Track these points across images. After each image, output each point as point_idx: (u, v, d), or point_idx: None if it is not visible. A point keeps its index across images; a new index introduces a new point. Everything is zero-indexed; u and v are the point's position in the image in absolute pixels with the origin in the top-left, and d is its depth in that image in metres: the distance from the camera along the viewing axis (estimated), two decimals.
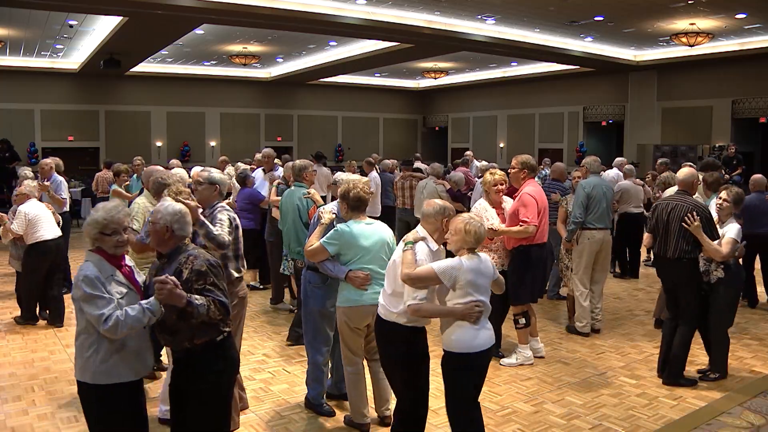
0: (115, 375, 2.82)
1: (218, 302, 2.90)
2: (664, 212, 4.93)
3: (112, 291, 2.81)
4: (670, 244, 4.86)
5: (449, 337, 3.31)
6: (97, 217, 2.88)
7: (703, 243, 4.72)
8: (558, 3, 11.81)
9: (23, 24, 13.27)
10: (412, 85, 25.52)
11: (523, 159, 5.45)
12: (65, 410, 4.41)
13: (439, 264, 3.29)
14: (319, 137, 24.30)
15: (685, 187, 5.05)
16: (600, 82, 20.04)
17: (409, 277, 3.26)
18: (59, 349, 5.75)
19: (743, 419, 4.32)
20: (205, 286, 2.90)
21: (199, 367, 2.96)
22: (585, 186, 6.23)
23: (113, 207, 2.94)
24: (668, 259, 4.90)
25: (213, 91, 21.87)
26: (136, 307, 2.76)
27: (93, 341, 2.81)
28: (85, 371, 2.83)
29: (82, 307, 2.77)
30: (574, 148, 20.61)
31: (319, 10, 11.98)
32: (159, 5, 10.90)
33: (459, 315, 3.26)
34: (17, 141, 17.82)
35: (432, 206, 3.55)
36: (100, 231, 2.87)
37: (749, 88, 16.70)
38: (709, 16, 12.48)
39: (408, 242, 3.43)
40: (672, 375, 4.94)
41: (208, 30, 14.13)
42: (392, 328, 3.48)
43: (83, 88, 19.80)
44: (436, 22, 13.39)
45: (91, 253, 2.92)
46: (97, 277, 2.78)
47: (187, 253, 3.00)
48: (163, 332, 2.98)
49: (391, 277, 3.49)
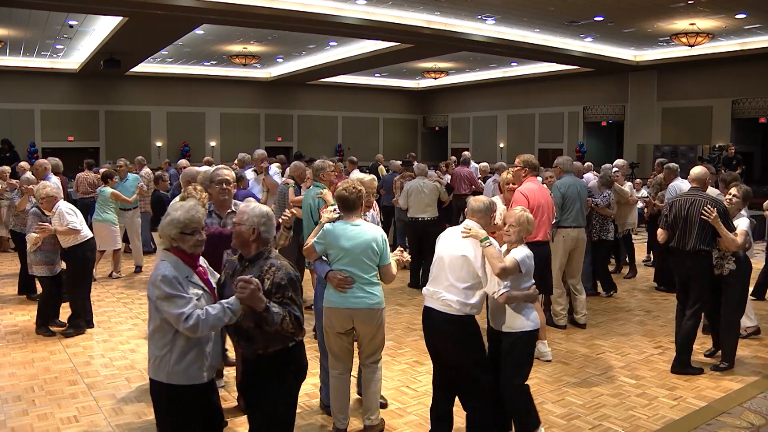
0: (188, 376, 2.84)
1: (294, 316, 2.89)
2: (682, 208, 5.14)
3: (189, 292, 2.80)
4: (689, 237, 5.09)
5: (520, 319, 3.64)
6: (177, 216, 2.87)
7: (721, 233, 4.96)
8: (558, 3, 11.81)
9: (23, 24, 13.28)
10: (412, 85, 25.53)
11: (524, 158, 5.55)
12: (65, 410, 4.41)
13: (518, 254, 3.63)
14: (319, 137, 24.32)
15: (699, 183, 5.28)
16: (600, 82, 20.05)
17: (504, 269, 3.53)
18: (59, 349, 5.75)
19: (743, 419, 4.32)
20: (283, 300, 2.89)
21: (271, 372, 2.98)
22: (560, 186, 6.37)
23: (192, 206, 2.92)
24: (687, 252, 5.11)
25: (213, 91, 21.88)
26: (217, 306, 2.76)
27: (168, 341, 2.83)
28: (159, 370, 2.84)
29: (159, 306, 2.77)
30: (574, 148, 20.61)
31: (319, 10, 12.00)
32: (159, 5, 10.91)
33: (531, 298, 3.67)
34: (17, 141, 17.84)
35: (482, 202, 3.79)
36: (180, 231, 2.87)
37: (749, 88, 16.71)
38: (709, 17, 12.48)
39: (485, 238, 3.61)
40: (681, 363, 5.15)
41: (208, 30, 14.14)
42: (468, 320, 3.66)
43: (83, 88, 19.82)
44: (436, 22, 13.40)
45: (167, 253, 2.91)
46: (176, 277, 2.78)
47: (270, 262, 2.96)
48: (239, 337, 3.00)
49: (464, 271, 3.62)
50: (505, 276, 3.55)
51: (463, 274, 3.61)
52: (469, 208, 3.78)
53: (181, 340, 2.81)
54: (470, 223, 3.73)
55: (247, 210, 3.01)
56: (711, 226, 4.97)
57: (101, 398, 4.64)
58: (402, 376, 5.12)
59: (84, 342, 6.02)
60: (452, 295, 3.61)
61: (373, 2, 11.96)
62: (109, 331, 6.37)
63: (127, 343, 6.00)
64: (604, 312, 7.14)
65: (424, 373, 5.21)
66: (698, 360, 5.49)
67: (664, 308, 7.36)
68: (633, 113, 19.50)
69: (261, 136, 23.32)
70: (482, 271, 3.62)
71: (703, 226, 5.01)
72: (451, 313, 3.62)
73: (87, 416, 4.32)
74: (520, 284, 3.65)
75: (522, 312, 3.66)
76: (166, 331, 2.82)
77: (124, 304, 7.44)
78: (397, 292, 7.95)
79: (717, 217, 4.93)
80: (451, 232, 3.83)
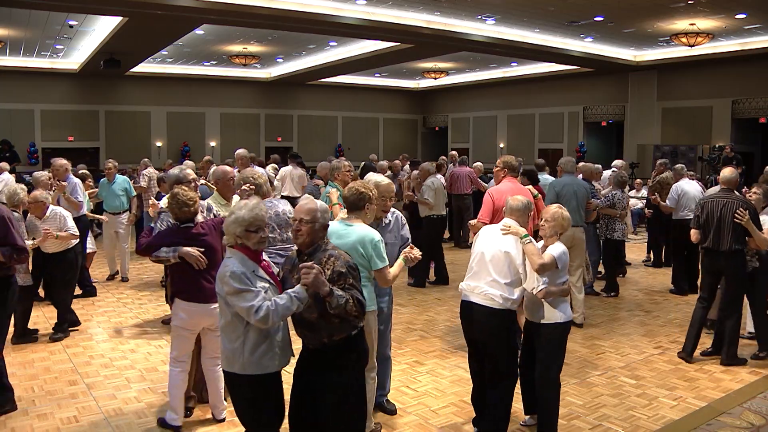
0: (263, 366, 2.97)
1: (356, 299, 3.00)
2: (715, 209, 5.39)
3: (257, 286, 2.92)
4: (723, 237, 5.32)
5: (556, 312, 3.82)
6: (243, 215, 2.98)
7: (753, 234, 5.21)
8: (558, 3, 11.81)
9: (23, 24, 13.28)
10: (412, 86, 25.53)
11: (504, 159, 5.78)
12: (65, 410, 4.41)
13: (555, 251, 3.78)
14: (319, 137, 24.32)
15: (729, 185, 5.48)
16: (600, 83, 20.04)
17: (543, 265, 3.70)
18: (59, 349, 5.75)
19: (743, 419, 4.32)
20: (345, 286, 3.01)
21: (335, 361, 3.08)
22: (555, 185, 6.67)
23: (255, 205, 3.04)
24: (721, 252, 5.34)
25: (213, 92, 21.88)
26: (284, 296, 2.88)
27: (240, 333, 2.95)
28: (233, 362, 2.97)
29: (229, 301, 2.90)
30: (574, 148, 20.60)
31: (319, 10, 11.99)
32: (159, 5, 10.91)
33: (565, 293, 3.86)
34: (17, 141, 17.85)
35: (520, 201, 3.98)
36: (245, 228, 2.98)
37: (749, 88, 16.71)
38: (709, 17, 12.48)
39: (525, 235, 3.80)
40: (730, 356, 5.40)
41: (208, 30, 14.14)
42: (509, 314, 3.81)
43: (83, 88, 19.82)
44: (436, 22, 13.40)
45: (233, 250, 3.02)
46: (243, 272, 2.90)
47: (328, 253, 3.08)
48: (303, 327, 3.09)
49: (507, 267, 3.78)
50: (543, 272, 3.72)
51: (505, 269, 3.78)
52: (508, 207, 3.99)
53: (253, 332, 2.94)
54: (509, 221, 3.92)
55: (318, 207, 3.12)
56: (742, 228, 5.22)
57: (101, 398, 4.64)
58: (402, 376, 5.12)
59: (84, 342, 6.02)
60: (495, 290, 3.77)
61: (373, 2, 11.96)
62: (109, 332, 6.37)
63: (127, 343, 6.00)
64: (604, 312, 7.15)
65: (424, 373, 5.21)
66: (696, 358, 5.50)
67: (664, 308, 7.38)
68: (633, 113, 19.50)
69: (261, 136, 23.32)
70: (523, 267, 3.80)
71: (736, 227, 5.24)
72: (494, 307, 3.77)
73: (87, 416, 4.33)
74: (556, 279, 3.80)
75: (558, 306, 3.84)
76: (238, 325, 2.95)
77: (124, 304, 7.44)
78: (397, 292, 7.95)
79: (749, 220, 5.17)
80: (490, 229, 4.02)
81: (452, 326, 6.59)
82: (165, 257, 4.01)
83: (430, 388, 4.92)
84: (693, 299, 7.73)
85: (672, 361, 5.54)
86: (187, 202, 4.04)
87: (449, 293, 8.01)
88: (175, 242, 4.02)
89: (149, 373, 5.17)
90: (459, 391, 4.84)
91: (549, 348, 3.86)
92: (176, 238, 4.03)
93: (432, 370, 5.30)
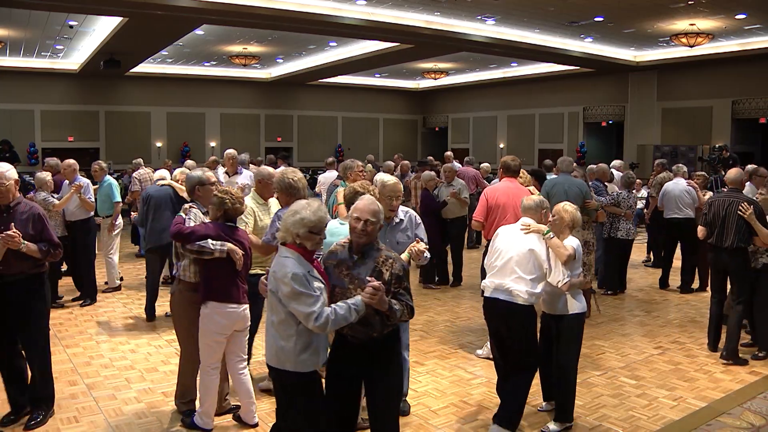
0: (312, 363, 3.04)
1: (409, 307, 3.10)
2: (721, 208, 5.58)
3: (314, 287, 2.94)
4: (727, 234, 5.50)
5: (574, 303, 4.08)
6: (308, 216, 3.00)
7: (756, 229, 5.35)
8: (558, 3, 11.81)
9: (23, 24, 13.28)
10: (412, 86, 25.53)
11: (503, 159, 5.98)
12: (65, 411, 4.41)
13: (573, 242, 4.04)
14: (319, 137, 24.32)
15: (735, 185, 5.71)
16: (600, 83, 20.04)
17: (569, 256, 3.95)
18: (59, 350, 5.75)
19: (743, 420, 4.32)
20: (400, 290, 3.07)
21: (385, 353, 3.15)
22: (546, 185, 6.83)
23: (319, 207, 3.06)
24: (725, 249, 5.53)
25: (213, 92, 21.88)
26: (344, 306, 2.92)
27: (293, 332, 2.99)
28: (285, 360, 3.02)
29: (287, 303, 2.93)
30: (575, 148, 20.61)
31: (319, 10, 11.99)
32: (159, 6, 10.91)
33: (581, 284, 4.12)
34: (17, 141, 17.85)
35: (532, 200, 4.20)
36: (309, 230, 3.00)
37: (749, 89, 16.71)
38: (709, 17, 12.48)
39: (547, 231, 4.01)
40: (730, 351, 5.52)
41: (208, 30, 14.14)
42: (532, 309, 4.01)
43: (83, 89, 19.81)
44: (436, 23, 13.40)
45: (289, 249, 3.02)
46: (304, 275, 2.92)
47: (384, 253, 3.13)
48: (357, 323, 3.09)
49: (531, 264, 3.96)
50: (569, 262, 3.96)
51: (531, 266, 3.96)
52: (522, 206, 4.21)
53: (305, 330, 2.97)
54: (526, 219, 4.12)
55: (378, 207, 3.15)
56: (747, 225, 5.37)
57: (101, 399, 4.64)
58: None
59: (84, 342, 6.02)
60: (521, 286, 3.93)
61: (372, 2, 11.96)
62: (109, 332, 6.37)
63: (127, 343, 6.00)
64: (605, 312, 7.14)
65: (424, 374, 5.21)
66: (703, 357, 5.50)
67: (664, 308, 7.38)
68: (633, 113, 19.50)
69: (261, 137, 23.32)
70: (548, 262, 3.99)
71: (740, 225, 5.42)
72: (519, 303, 3.94)
73: (87, 417, 4.33)
74: (573, 271, 4.02)
75: (575, 297, 4.12)
76: (291, 323, 2.98)
77: (124, 305, 7.44)
78: None
79: (752, 214, 5.32)
80: (509, 229, 4.20)
81: (452, 327, 6.59)
82: (210, 249, 3.86)
83: (430, 388, 4.92)
84: (694, 299, 7.78)
85: (672, 362, 5.54)
86: (240, 200, 4.04)
87: (449, 294, 8.01)
88: (222, 238, 3.93)
89: (149, 374, 5.17)
90: (459, 391, 4.84)
91: (569, 336, 4.11)
92: (224, 233, 3.95)
93: (432, 371, 5.30)
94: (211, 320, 3.93)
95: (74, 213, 7.34)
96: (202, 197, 4.24)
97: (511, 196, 5.55)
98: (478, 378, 5.14)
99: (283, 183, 4.48)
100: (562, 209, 4.16)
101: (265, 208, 4.86)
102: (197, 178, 4.27)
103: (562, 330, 4.12)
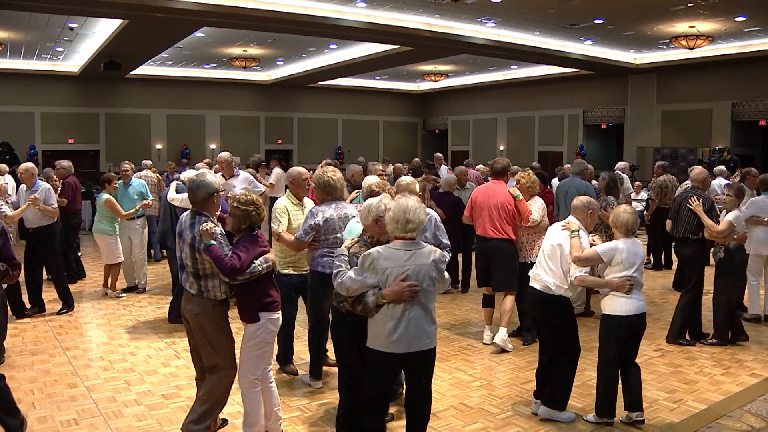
0: None
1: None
2: (676, 201, 6.23)
3: None
4: (680, 225, 6.07)
5: (605, 303, 4.24)
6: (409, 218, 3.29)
7: (702, 221, 5.74)
8: (558, 6, 11.83)
9: (24, 27, 13.30)
10: (412, 88, 25.54)
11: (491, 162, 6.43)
12: (65, 413, 4.41)
13: (602, 246, 4.20)
14: (319, 140, 24.32)
15: (698, 183, 6.22)
16: (600, 85, 20.05)
17: (579, 259, 4.15)
18: (59, 352, 5.75)
19: (743, 422, 4.32)
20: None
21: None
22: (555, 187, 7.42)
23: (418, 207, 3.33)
24: (677, 239, 6.17)
25: (213, 94, 21.88)
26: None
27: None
28: (435, 339, 3.44)
29: (438, 289, 3.50)
30: (574, 150, 20.60)
31: (319, 13, 12.00)
32: (159, 8, 10.91)
33: (614, 286, 4.14)
34: (17, 144, 17.80)
35: (580, 201, 4.42)
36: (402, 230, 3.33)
37: (749, 91, 16.71)
38: (709, 19, 12.49)
39: (574, 230, 4.26)
40: (672, 335, 6.01)
41: (208, 33, 14.15)
42: (564, 300, 4.32)
43: (83, 91, 19.82)
44: (436, 25, 13.40)
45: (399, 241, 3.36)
46: None
47: None
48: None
49: (558, 258, 4.27)
50: (579, 263, 4.16)
51: (558, 260, 4.28)
52: (572, 206, 4.46)
53: None
54: (571, 218, 4.40)
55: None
56: (696, 217, 5.80)
57: (101, 401, 4.63)
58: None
59: (84, 345, 6.02)
60: (551, 278, 4.29)
61: (373, 5, 11.97)
62: (109, 334, 6.37)
63: (127, 345, 5.99)
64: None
65: None
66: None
67: (664, 310, 7.36)
68: (633, 116, 19.50)
69: (261, 139, 23.33)
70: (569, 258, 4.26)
71: (689, 217, 5.92)
72: (549, 293, 4.29)
73: (87, 419, 4.32)
74: (611, 273, 4.17)
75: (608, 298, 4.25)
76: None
77: (123, 307, 7.44)
78: None
79: (699, 206, 5.76)
80: (554, 226, 4.51)
81: (452, 329, 6.58)
82: (259, 270, 3.73)
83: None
84: None
85: (672, 364, 5.53)
86: (261, 205, 3.86)
87: (449, 296, 8.00)
88: (259, 252, 3.78)
89: (149, 376, 5.16)
90: (459, 394, 4.84)
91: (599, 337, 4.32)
92: (259, 246, 3.80)
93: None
94: (266, 330, 3.81)
95: (35, 220, 6.93)
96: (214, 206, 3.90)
97: (488, 196, 5.96)
98: (478, 381, 5.13)
99: (321, 181, 4.54)
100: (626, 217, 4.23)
101: (300, 207, 4.88)
102: (215, 187, 3.86)
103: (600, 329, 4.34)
